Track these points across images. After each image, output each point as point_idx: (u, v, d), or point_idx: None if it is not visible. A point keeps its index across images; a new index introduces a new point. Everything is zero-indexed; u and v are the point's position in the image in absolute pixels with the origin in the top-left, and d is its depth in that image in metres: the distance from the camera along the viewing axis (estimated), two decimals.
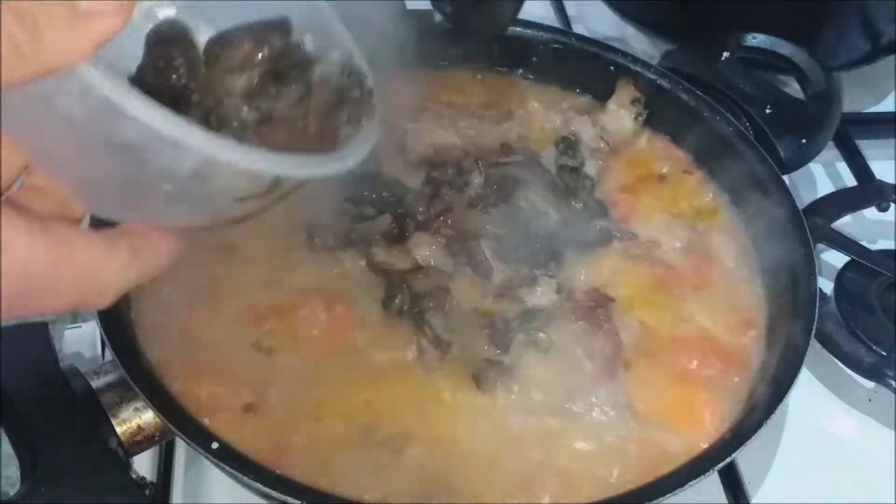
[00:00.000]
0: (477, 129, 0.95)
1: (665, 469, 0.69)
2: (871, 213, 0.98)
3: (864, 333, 0.82)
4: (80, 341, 0.85)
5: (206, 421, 0.68)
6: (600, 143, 0.94)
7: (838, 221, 0.92)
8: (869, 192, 0.97)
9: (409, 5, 1.02)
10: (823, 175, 1.06)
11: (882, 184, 0.98)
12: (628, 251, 0.86)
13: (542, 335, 0.77)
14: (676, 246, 0.86)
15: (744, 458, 0.76)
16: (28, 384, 0.67)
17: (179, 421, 0.66)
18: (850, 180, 1.01)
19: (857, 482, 0.81)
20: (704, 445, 0.71)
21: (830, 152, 1.01)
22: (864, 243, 0.89)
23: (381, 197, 0.84)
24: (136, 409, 0.68)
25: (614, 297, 0.81)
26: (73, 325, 0.86)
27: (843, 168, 1.03)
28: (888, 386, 0.81)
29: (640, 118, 0.96)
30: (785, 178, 0.88)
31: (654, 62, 0.99)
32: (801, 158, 0.93)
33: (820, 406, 0.85)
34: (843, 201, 0.95)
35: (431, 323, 0.75)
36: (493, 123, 0.96)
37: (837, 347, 0.83)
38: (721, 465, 0.67)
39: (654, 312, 0.81)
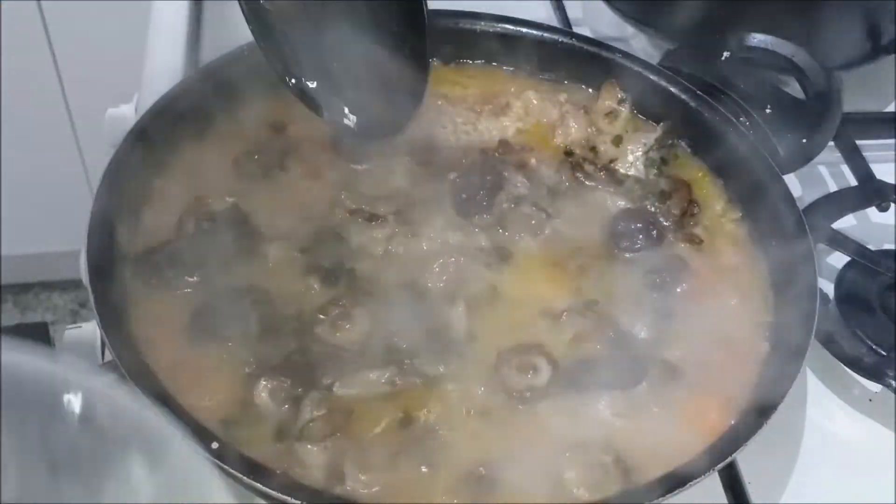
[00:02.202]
0: (475, 125, 0.96)
1: (665, 468, 0.69)
2: (871, 213, 0.98)
3: (864, 334, 0.82)
4: (81, 342, 0.85)
5: (205, 421, 0.68)
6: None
7: (839, 221, 0.92)
8: (869, 192, 0.97)
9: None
10: (824, 175, 1.05)
11: (882, 184, 0.98)
12: None
13: None
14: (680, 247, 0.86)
15: (744, 458, 0.76)
16: None
17: (179, 421, 0.66)
18: (850, 180, 1.01)
19: (857, 482, 0.81)
20: (705, 445, 0.71)
21: (831, 152, 1.00)
22: (864, 243, 0.89)
23: None
24: None
25: None
26: (73, 326, 0.86)
27: (843, 168, 1.03)
28: (889, 386, 0.81)
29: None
30: (785, 177, 0.87)
31: (655, 62, 0.99)
32: (802, 158, 0.93)
33: (820, 406, 0.85)
34: (844, 201, 0.95)
35: None
36: (490, 118, 0.96)
37: (838, 348, 0.83)
38: (721, 465, 0.67)
39: None
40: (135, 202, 0.82)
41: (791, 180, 0.89)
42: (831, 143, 0.99)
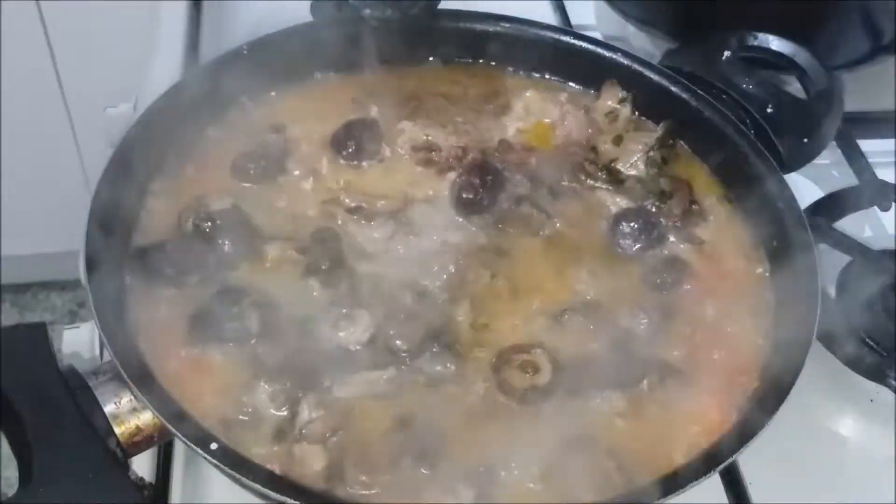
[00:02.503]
0: (474, 124, 0.95)
1: (666, 469, 0.69)
2: (873, 213, 0.98)
3: (865, 333, 0.82)
4: (79, 342, 0.85)
5: (205, 421, 0.68)
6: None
7: (840, 221, 0.92)
8: (870, 191, 0.97)
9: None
10: (825, 175, 1.05)
11: (883, 183, 0.97)
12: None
13: None
14: (681, 248, 0.86)
15: (745, 459, 0.75)
16: (27, 385, 0.67)
17: (178, 421, 0.66)
18: (851, 180, 1.01)
19: (858, 482, 0.81)
20: (706, 445, 0.71)
21: (832, 152, 1.00)
22: (865, 243, 0.89)
23: None
24: (135, 410, 0.67)
25: None
26: (72, 326, 0.86)
27: (844, 168, 1.03)
28: (889, 386, 0.81)
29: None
30: (786, 177, 0.87)
31: (655, 61, 0.99)
32: (803, 158, 0.93)
33: (821, 406, 0.85)
34: (845, 201, 0.95)
35: None
36: (491, 117, 0.96)
37: (839, 348, 0.82)
38: (722, 466, 0.67)
39: None
40: (133, 202, 0.82)
41: (792, 180, 0.89)
42: (832, 143, 0.99)
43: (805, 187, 1.01)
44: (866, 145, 1.03)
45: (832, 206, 0.93)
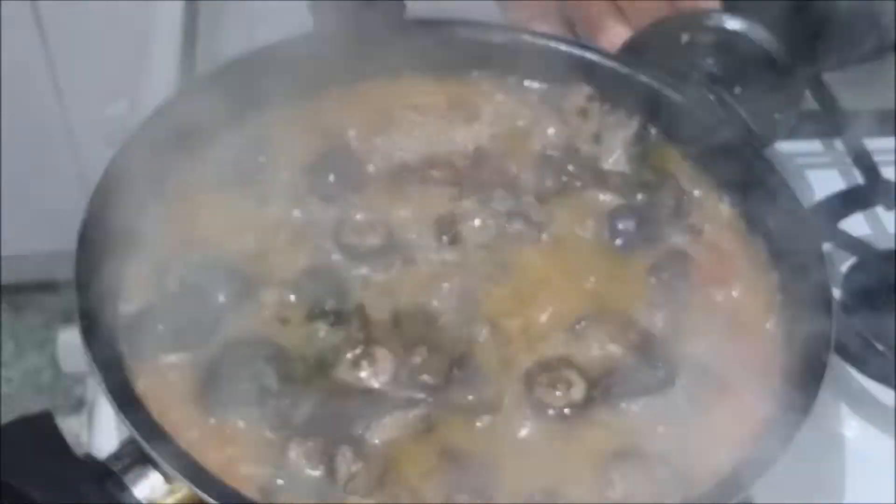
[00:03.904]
0: (447, 134, 0.92)
1: (719, 471, 0.68)
2: (878, 212, 0.98)
3: (869, 333, 0.82)
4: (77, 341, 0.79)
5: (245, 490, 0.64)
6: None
7: (844, 221, 0.93)
8: (875, 191, 0.97)
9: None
10: (829, 174, 1.05)
11: (889, 183, 0.98)
12: None
13: None
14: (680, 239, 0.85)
15: None
16: (45, 480, 0.61)
17: (222, 497, 0.62)
18: (856, 179, 1.01)
19: (859, 483, 0.81)
20: (749, 439, 0.70)
21: (836, 151, 1.00)
22: (870, 243, 0.90)
23: None
24: (172, 491, 0.63)
25: None
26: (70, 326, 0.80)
27: (849, 167, 1.03)
28: (892, 386, 0.81)
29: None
30: (787, 178, 0.86)
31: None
32: (778, 132, 0.93)
33: (824, 406, 0.84)
34: (850, 200, 0.95)
35: None
36: (462, 124, 0.93)
37: (842, 347, 0.82)
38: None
39: None
40: (115, 265, 0.76)
41: (793, 180, 0.88)
42: (837, 141, 0.99)
43: (809, 186, 1.01)
44: (872, 144, 1.02)
45: (836, 205, 0.93)
